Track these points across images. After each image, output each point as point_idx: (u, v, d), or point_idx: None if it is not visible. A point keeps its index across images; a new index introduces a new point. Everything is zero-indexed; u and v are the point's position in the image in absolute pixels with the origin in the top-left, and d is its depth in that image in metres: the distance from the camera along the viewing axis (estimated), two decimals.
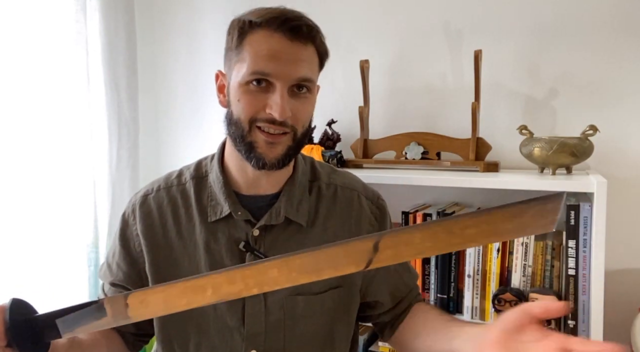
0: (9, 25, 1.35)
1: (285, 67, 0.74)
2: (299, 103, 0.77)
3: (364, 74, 1.41)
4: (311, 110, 0.82)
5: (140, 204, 0.86)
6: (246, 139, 0.77)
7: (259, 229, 0.82)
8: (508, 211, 0.51)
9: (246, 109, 0.76)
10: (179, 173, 0.90)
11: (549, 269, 1.15)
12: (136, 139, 1.74)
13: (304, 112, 0.79)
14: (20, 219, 1.38)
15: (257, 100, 0.75)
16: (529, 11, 1.34)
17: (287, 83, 0.75)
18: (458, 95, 1.42)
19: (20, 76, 1.38)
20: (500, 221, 0.51)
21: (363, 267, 0.55)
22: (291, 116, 0.75)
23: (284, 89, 0.74)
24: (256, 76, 0.75)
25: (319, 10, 1.60)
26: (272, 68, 0.74)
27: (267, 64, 0.74)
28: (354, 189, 0.90)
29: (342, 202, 0.88)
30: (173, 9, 1.80)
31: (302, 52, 0.76)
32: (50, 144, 1.47)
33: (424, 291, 1.28)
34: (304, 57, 0.77)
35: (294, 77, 0.75)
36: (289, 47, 0.75)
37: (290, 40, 0.75)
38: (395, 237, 0.55)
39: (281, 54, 0.74)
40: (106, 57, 1.60)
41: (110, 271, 0.87)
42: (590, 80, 1.29)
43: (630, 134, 1.25)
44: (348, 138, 1.51)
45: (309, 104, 0.81)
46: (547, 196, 0.48)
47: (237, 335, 0.81)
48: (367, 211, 0.89)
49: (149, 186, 0.89)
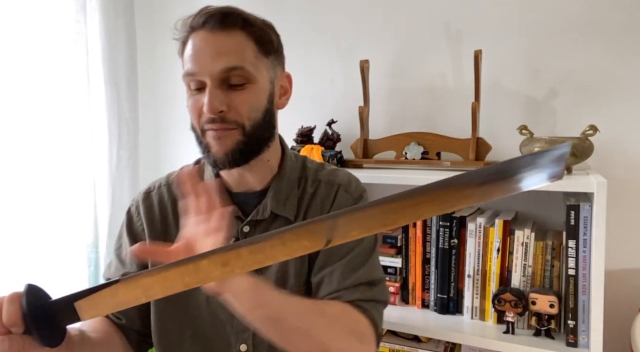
0: (9, 25, 1.35)
1: (206, 61, 0.74)
2: (235, 95, 0.76)
3: (364, 74, 1.41)
4: (256, 100, 0.78)
5: (143, 200, 0.90)
6: (202, 144, 0.80)
7: (249, 225, 0.84)
8: (518, 161, 0.45)
9: (193, 114, 0.79)
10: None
11: (549, 269, 1.15)
12: (136, 139, 1.74)
13: (245, 104, 0.76)
14: (20, 219, 1.38)
15: (197, 103, 0.77)
16: (529, 11, 1.34)
17: (214, 78, 0.75)
18: (458, 95, 1.42)
19: (20, 76, 1.38)
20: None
21: (323, 245, 0.51)
22: (229, 111, 0.75)
23: (213, 84, 0.75)
24: (187, 79, 0.77)
25: (319, 10, 1.60)
26: (195, 66, 0.75)
27: (192, 64, 0.75)
28: (336, 184, 0.89)
29: (322, 195, 0.87)
30: (173, 9, 1.80)
31: (225, 42, 0.75)
32: (50, 144, 1.46)
33: (424, 291, 1.28)
34: (227, 46, 0.75)
35: (217, 69, 0.74)
36: (211, 41, 0.75)
37: (211, 32, 0.75)
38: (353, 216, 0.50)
39: (202, 49, 0.75)
40: (106, 57, 1.60)
41: (124, 264, 0.89)
42: (591, 81, 1.29)
43: (630, 134, 1.25)
44: (348, 138, 1.51)
45: (250, 95, 0.77)
46: (554, 147, 0.45)
47: (229, 328, 0.83)
48: (344, 202, 0.87)
49: (151, 184, 0.93)
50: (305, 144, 1.48)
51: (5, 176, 1.35)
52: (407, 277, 1.31)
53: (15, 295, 0.59)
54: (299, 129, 1.52)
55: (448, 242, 1.23)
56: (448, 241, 1.23)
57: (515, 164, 0.44)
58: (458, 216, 1.22)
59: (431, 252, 1.27)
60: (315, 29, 1.60)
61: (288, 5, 1.62)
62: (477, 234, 1.19)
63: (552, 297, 1.09)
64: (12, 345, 0.56)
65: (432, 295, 1.27)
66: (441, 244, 1.24)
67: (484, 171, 0.46)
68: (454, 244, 1.23)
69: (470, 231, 1.20)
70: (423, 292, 1.28)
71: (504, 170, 0.45)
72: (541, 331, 1.11)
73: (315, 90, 1.60)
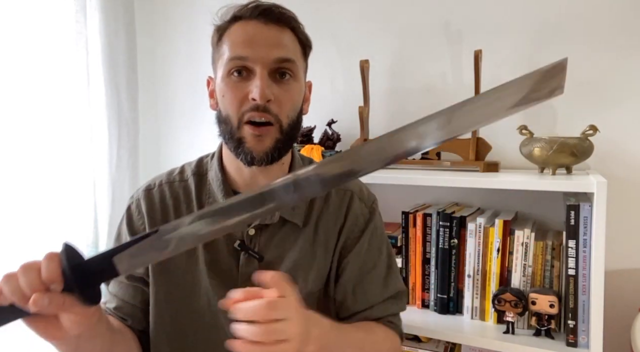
0: (9, 25, 1.35)
1: (262, 48, 0.74)
2: (281, 89, 0.76)
3: (364, 74, 1.41)
4: (296, 98, 0.80)
5: (143, 197, 0.88)
6: (235, 136, 0.77)
7: (255, 228, 0.83)
8: (521, 80, 0.51)
9: (232, 102, 0.76)
10: (181, 169, 0.91)
11: (549, 269, 1.15)
12: (136, 139, 1.74)
13: (288, 99, 0.77)
14: (20, 219, 1.38)
15: (239, 90, 0.76)
16: (528, 11, 1.34)
17: (266, 66, 0.75)
18: (458, 95, 1.42)
19: (20, 76, 1.38)
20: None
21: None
22: (274, 102, 0.75)
23: (264, 72, 0.74)
24: (235, 63, 0.75)
25: (319, 10, 1.60)
26: (249, 51, 0.74)
27: (244, 49, 0.75)
28: (348, 190, 0.89)
29: (335, 202, 0.88)
30: (173, 9, 1.80)
31: (279, 35, 0.77)
32: (50, 144, 1.47)
33: (424, 291, 1.28)
34: (281, 39, 0.77)
35: (272, 58, 0.75)
36: (266, 31, 0.76)
37: (265, 24, 0.76)
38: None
39: (257, 37, 0.75)
40: (106, 57, 1.60)
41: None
42: (591, 80, 1.29)
43: (630, 134, 1.25)
44: (348, 138, 1.51)
45: (293, 91, 0.78)
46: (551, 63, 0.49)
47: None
48: (358, 212, 0.89)
49: (151, 181, 0.90)
50: (305, 144, 1.48)
51: (6, 176, 1.35)
52: (407, 277, 1.30)
53: (54, 253, 0.58)
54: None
55: (448, 242, 1.23)
56: (448, 241, 1.23)
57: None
58: (458, 216, 1.22)
59: (431, 252, 1.27)
60: (315, 29, 1.59)
61: (288, 5, 1.61)
62: (477, 234, 1.19)
63: (552, 297, 1.09)
64: (52, 301, 0.55)
65: (432, 295, 1.27)
66: (441, 244, 1.24)
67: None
68: (454, 244, 1.23)
69: (470, 231, 1.20)
70: (423, 292, 1.28)
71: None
72: (541, 331, 1.11)
73: (315, 90, 1.59)
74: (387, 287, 0.89)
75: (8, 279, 0.56)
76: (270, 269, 0.83)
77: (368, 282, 0.87)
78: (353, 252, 0.87)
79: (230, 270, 0.82)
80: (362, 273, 0.87)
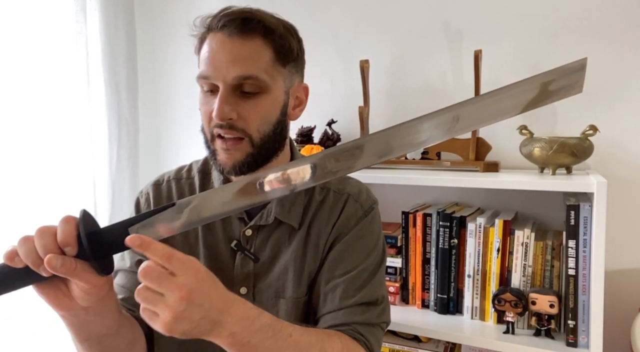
0: (9, 25, 1.35)
1: (221, 66, 0.73)
2: (248, 105, 0.74)
3: (364, 74, 1.41)
4: (267, 111, 0.76)
5: (152, 191, 0.90)
6: (210, 147, 0.79)
7: (251, 229, 0.83)
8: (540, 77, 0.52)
9: (204, 116, 0.78)
10: (189, 167, 0.93)
11: (549, 269, 1.15)
12: (136, 139, 1.74)
13: (255, 114, 0.75)
14: (20, 219, 1.38)
15: (209, 105, 0.76)
16: (528, 11, 1.34)
17: (226, 83, 0.73)
18: (458, 95, 1.42)
19: (20, 76, 1.38)
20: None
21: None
22: (239, 119, 0.74)
23: (225, 90, 0.73)
24: (200, 82, 0.76)
25: (319, 11, 1.60)
26: (210, 71, 0.74)
27: (207, 67, 0.74)
28: (345, 193, 0.87)
29: (331, 204, 0.86)
30: (173, 9, 1.80)
31: (241, 49, 0.73)
32: (50, 144, 1.47)
33: (424, 291, 1.28)
34: (243, 54, 0.73)
35: (230, 76, 0.73)
36: (229, 45, 0.73)
37: (228, 37, 0.73)
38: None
39: (218, 54, 0.74)
40: (106, 57, 1.60)
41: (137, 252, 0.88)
42: (590, 80, 1.28)
43: (630, 134, 1.25)
44: (348, 138, 1.51)
45: (262, 105, 0.75)
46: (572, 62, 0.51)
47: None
48: (351, 212, 0.86)
49: (160, 176, 0.93)
50: (305, 144, 1.48)
51: (6, 176, 1.35)
52: (407, 277, 1.31)
53: (71, 216, 0.59)
54: (299, 129, 1.52)
55: (448, 242, 1.23)
56: (448, 241, 1.23)
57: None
58: (458, 216, 1.22)
59: (431, 252, 1.27)
60: (315, 29, 1.60)
61: (288, 5, 1.62)
62: (477, 234, 1.19)
63: (552, 297, 1.09)
64: (65, 264, 0.55)
65: (432, 295, 1.27)
66: (441, 244, 1.24)
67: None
68: (454, 244, 1.23)
69: (470, 231, 1.20)
70: (423, 292, 1.28)
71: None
72: (541, 331, 1.11)
73: (315, 90, 1.59)
74: (361, 292, 0.80)
75: (24, 241, 0.58)
76: (265, 270, 0.83)
77: (341, 283, 0.80)
78: (334, 249, 0.83)
79: (228, 269, 0.83)
80: (337, 273, 0.81)
